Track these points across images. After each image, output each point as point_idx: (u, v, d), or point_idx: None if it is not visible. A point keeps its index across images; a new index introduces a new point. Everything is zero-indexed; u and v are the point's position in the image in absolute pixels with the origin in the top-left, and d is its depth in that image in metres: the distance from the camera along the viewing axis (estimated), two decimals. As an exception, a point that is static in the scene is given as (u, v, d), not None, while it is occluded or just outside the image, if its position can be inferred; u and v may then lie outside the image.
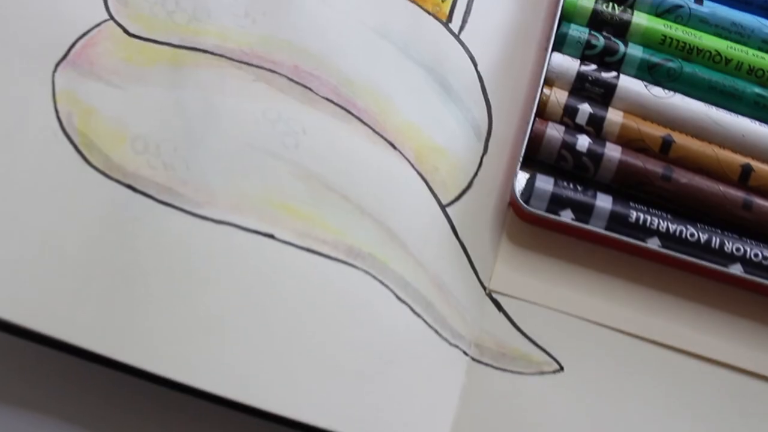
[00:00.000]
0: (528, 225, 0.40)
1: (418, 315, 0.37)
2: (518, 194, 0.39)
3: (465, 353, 0.38)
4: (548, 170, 0.40)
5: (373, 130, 0.39)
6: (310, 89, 0.39)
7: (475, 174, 0.40)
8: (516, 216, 0.40)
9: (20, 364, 0.36)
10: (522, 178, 0.40)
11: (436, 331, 0.37)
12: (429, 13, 0.43)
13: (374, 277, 0.37)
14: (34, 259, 0.34)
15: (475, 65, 0.42)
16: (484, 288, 0.39)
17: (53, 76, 0.38)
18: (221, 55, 0.39)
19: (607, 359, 0.39)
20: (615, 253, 0.39)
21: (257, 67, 0.39)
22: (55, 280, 0.34)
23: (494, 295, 0.39)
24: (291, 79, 0.39)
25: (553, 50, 0.42)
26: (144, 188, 0.36)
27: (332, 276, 0.36)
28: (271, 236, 0.36)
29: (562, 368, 0.38)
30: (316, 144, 0.38)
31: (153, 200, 0.36)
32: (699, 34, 0.43)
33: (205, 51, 0.40)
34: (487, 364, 0.38)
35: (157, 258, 0.35)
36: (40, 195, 0.36)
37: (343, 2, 0.42)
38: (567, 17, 0.43)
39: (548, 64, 0.41)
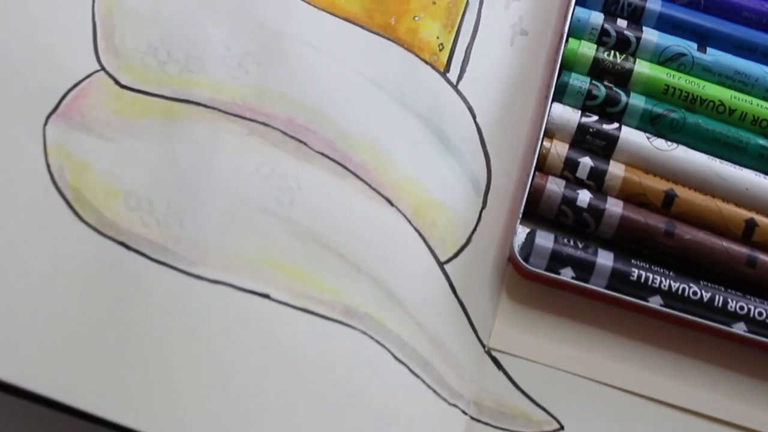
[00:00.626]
0: (528, 281, 0.41)
1: (417, 375, 0.38)
2: (518, 251, 0.40)
3: (464, 412, 0.39)
4: (548, 224, 0.42)
5: (370, 186, 0.40)
6: (304, 143, 0.41)
7: (474, 229, 0.41)
8: (515, 272, 0.41)
9: (7, 421, 0.37)
10: (521, 233, 0.41)
11: (435, 391, 0.39)
12: (426, 63, 0.44)
13: (371, 338, 0.38)
14: (24, 316, 0.35)
15: (474, 116, 0.43)
16: (483, 346, 0.40)
17: (44, 128, 0.39)
18: (214, 108, 0.41)
19: (608, 418, 0.40)
20: (616, 310, 0.41)
21: (251, 120, 0.41)
22: (46, 338, 0.35)
23: (493, 353, 0.40)
24: (285, 133, 0.41)
25: (553, 100, 0.43)
26: (137, 246, 0.37)
27: (329, 337, 0.38)
28: (267, 296, 0.37)
29: (562, 427, 0.39)
30: (311, 201, 0.40)
31: (147, 258, 0.37)
32: (702, 83, 0.44)
33: (198, 103, 0.41)
34: (486, 423, 0.39)
35: (151, 318, 0.36)
36: (31, 251, 0.37)
37: (338, 50, 0.44)
38: (567, 65, 0.44)
39: (548, 115, 0.42)
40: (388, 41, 0.44)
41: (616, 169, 0.42)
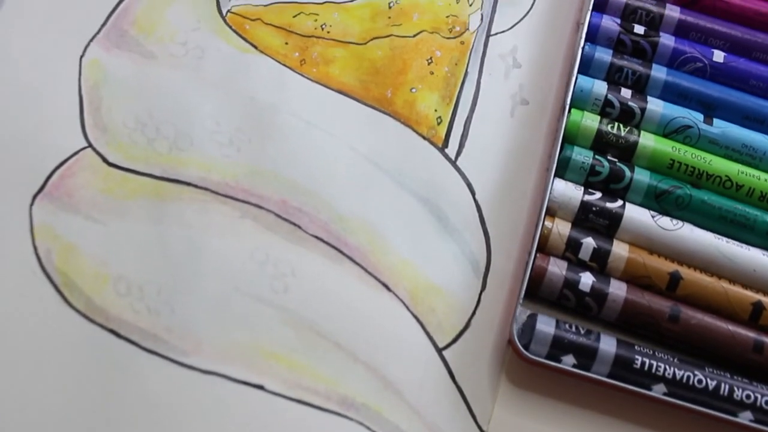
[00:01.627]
0: (528, 365, 0.43)
1: (415, 464, 0.40)
2: (518, 336, 0.42)
3: (463, 501, 0.41)
4: (549, 304, 0.44)
5: (366, 271, 0.43)
6: (298, 227, 0.43)
7: (473, 313, 0.43)
8: (516, 355, 0.43)
9: None
10: (522, 314, 0.43)
11: (433, 480, 0.41)
12: (424, 138, 0.46)
13: (368, 429, 0.40)
14: (11, 405, 0.37)
15: (473, 194, 0.45)
16: (483, 432, 0.42)
17: (30, 209, 0.41)
18: (205, 189, 0.43)
19: (610, 506, 0.42)
20: (619, 396, 0.42)
21: (243, 202, 0.43)
22: (33, 427, 0.37)
23: (493, 440, 0.42)
24: (279, 216, 0.43)
25: (555, 175, 0.45)
26: (127, 334, 0.39)
27: (325, 428, 0.40)
28: (261, 387, 0.39)
29: None
30: (306, 288, 0.42)
31: (137, 347, 0.39)
32: (709, 157, 0.46)
33: (188, 183, 0.43)
34: None
35: (142, 409, 0.38)
36: (18, 337, 0.39)
37: (333, 125, 0.46)
38: (570, 138, 0.46)
39: (550, 193, 0.44)
40: (384, 115, 0.46)
41: (619, 250, 0.44)
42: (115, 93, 0.44)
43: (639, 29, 0.49)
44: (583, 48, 0.48)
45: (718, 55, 0.49)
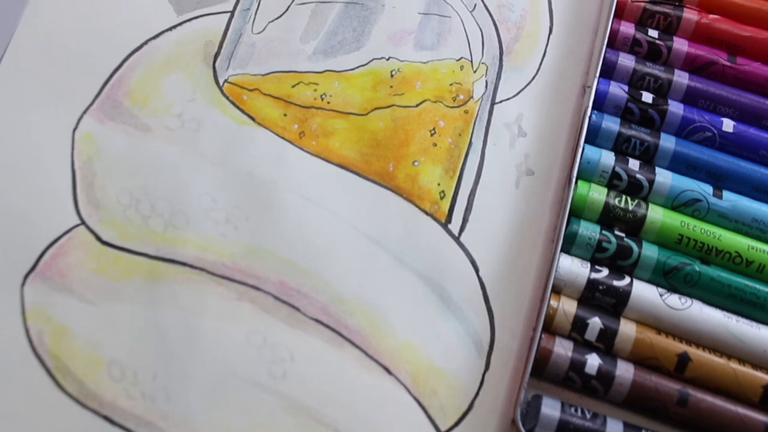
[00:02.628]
0: (533, 448, 0.43)
1: None
2: (522, 419, 0.42)
3: None
4: (554, 383, 0.44)
5: (366, 354, 0.43)
6: (297, 309, 0.43)
7: (476, 394, 0.44)
8: (520, 438, 0.43)
9: None
10: (526, 395, 0.43)
11: None
12: (426, 213, 0.47)
13: None
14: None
15: (477, 270, 0.46)
16: None
17: (22, 289, 0.41)
18: (201, 269, 0.43)
19: None
20: (627, 481, 0.43)
21: (240, 283, 0.43)
22: None
23: None
24: (277, 298, 0.43)
25: (561, 250, 0.46)
26: (122, 421, 0.40)
27: None
28: (258, 476, 0.40)
29: None
30: (304, 373, 0.42)
31: (131, 435, 0.40)
32: (718, 232, 0.46)
33: (183, 264, 0.43)
34: None
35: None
36: (9, 424, 0.39)
37: (333, 202, 0.47)
38: (576, 211, 0.47)
39: (556, 270, 0.45)
40: (385, 190, 0.47)
41: (627, 330, 0.44)
42: (108, 168, 0.45)
43: (647, 97, 0.49)
44: (590, 117, 0.48)
45: (728, 124, 0.49)
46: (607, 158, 0.48)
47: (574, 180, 0.47)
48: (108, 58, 0.48)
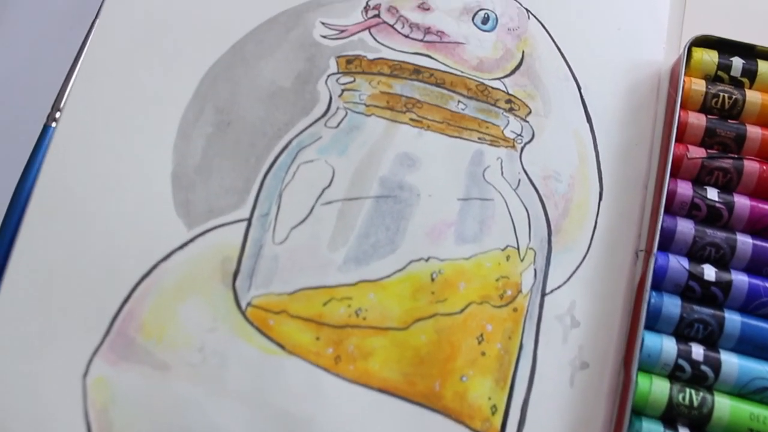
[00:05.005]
0: None
1: None
2: None
3: None
4: None
5: None
6: None
7: None
8: None
9: None
10: None
11: None
12: (478, 432, 0.48)
13: None
14: None
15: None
16: None
17: None
18: None
19: None
20: None
21: None
22: None
23: None
24: None
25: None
26: None
27: None
28: None
29: None
30: None
31: None
32: (791, 425, 0.45)
33: None
34: None
35: None
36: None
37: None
38: (638, 408, 0.47)
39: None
40: (433, 413, 0.46)
41: None
42: (125, 415, 0.44)
43: (710, 273, 0.47)
44: (649, 301, 0.45)
45: (800, 295, 0.48)
46: (669, 350, 0.47)
47: (634, 375, 0.46)
48: (114, 288, 0.46)
